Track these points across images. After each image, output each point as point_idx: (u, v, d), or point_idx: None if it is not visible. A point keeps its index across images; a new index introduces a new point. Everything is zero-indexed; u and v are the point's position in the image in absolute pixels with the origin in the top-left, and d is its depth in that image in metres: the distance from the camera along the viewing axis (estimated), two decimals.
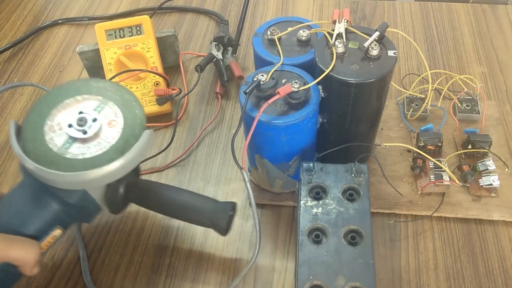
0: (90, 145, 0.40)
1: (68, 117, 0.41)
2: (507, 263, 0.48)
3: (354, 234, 0.41)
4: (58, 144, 0.40)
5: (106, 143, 0.40)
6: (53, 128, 0.40)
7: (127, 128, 0.41)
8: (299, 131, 0.45)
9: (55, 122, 0.41)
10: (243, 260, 0.50)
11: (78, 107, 0.42)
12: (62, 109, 0.42)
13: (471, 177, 0.51)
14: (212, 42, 0.67)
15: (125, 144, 0.40)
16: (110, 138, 0.40)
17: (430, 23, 0.74)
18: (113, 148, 0.40)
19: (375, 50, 0.44)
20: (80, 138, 0.40)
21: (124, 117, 0.42)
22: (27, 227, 0.40)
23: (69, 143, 0.40)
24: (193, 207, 0.46)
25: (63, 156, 0.39)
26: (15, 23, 0.80)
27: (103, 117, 0.41)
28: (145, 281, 0.49)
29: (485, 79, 0.65)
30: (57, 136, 0.40)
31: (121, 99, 0.43)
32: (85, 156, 0.39)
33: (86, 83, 0.44)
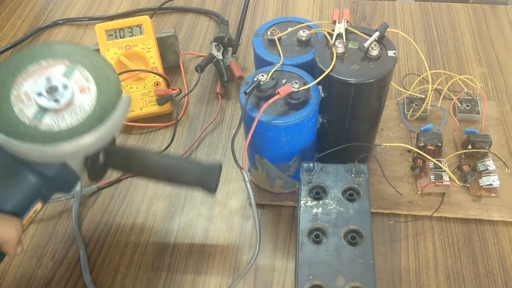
0: (64, 114, 0.36)
1: (35, 85, 0.37)
2: (507, 263, 0.48)
3: (354, 234, 0.41)
4: (29, 115, 0.36)
5: (81, 112, 0.37)
6: (21, 98, 0.36)
7: (101, 95, 0.38)
8: (299, 131, 0.45)
9: (22, 92, 0.36)
10: (243, 260, 0.50)
11: (44, 73, 0.37)
12: (27, 76, 0.37)
13: (471, 177, 0.51)
14: (212, 42, 0.67)
15: (102, 111, 0.37)
16: (86, 106, 0.37)
17: (430, 23, 0.74)
18: (90, 117, 0.37)
19: (375, 50, 0.44)
20: (52, 108, 0.36)
21: (97, 83, 0.38)
22: (6, 204, 0.37)
23: (41, 113, 0.36)
24: (180, 168, 0.44)
25: (37, 128, 0.35)
26: (15, 24, 0.80)
27: (74, 84, 0.37)
28: (145, 281, 0.49)
29: (485, 79, 0.65)
30: (27, 107, 0.36)
31: (91, 63, 0.39)
32: (60, 127, 0.36)
33: (49, 46, 0.39)
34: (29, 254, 0.51)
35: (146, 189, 0.56)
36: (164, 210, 0.54)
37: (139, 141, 0.61)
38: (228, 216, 0.53)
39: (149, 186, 0.56)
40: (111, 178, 0.57)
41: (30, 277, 0.49)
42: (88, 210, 0.55)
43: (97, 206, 0.55)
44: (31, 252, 0.51)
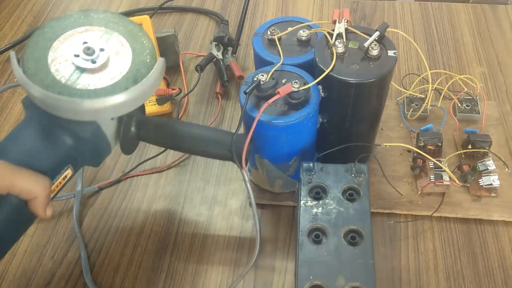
0: (101, 75, 0.37)
1: (72, 48, 0.38)
2: (507, 263, 0.48)
3: (354, 234, 0.41)
4: (66, 75, 0.37)
5: (117, 73, 0.38)
6: (58, 59, 0.37)
7: (136, 58, 0.39)
8: (299, 131, 0.45)
9: (59, 54, 0.38)
10: (243, 260, 0.50)
11: (82, 38, 0.39)
12: (64, 40, 0.38)
13: (471, 177, 0.51)
14: (212, 42, 0.67)
15: (137, 73, 0.38)
16: (121, 68, 0.38)
17: (430, 23, 0.74)
18: (125, 77, 0.38)
19: (375, 50, 0.44)
20: (89, 69, 0.37)
21: (132, 47, 0.39)
22: (39, 164, 0.37)
23: (78, 74, 0.37)
24: (211, 139, 0.45)
25: (73, 87, 0.36)
26: (15, 23, 0.80)
27: (110, 47, 0.39)
28: (145, 281, 0.49)
29: (485, 79, 0.65)
30: (64, 67, 0.37)
31: (126, 29, 0.40)
32: (96, 87, 0.37)
33: (86, 14, 0.41)
34: (29, 254, 0.51)
35: (146, 189, 0.56)
36: (164, 210, 0.54)
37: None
38: (228, 216, 0.53)
39: (149, 186, 0.56)
40: (111, 178, 0.57)
41: (30, 277, 0.49)
42: (88, 210, 0.55)
43: (97, 206, 0.55)
44: (31, 252, 0.51)
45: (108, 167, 0.58)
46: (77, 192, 0.55)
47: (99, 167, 0.58)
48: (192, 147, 0.46)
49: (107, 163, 0.59)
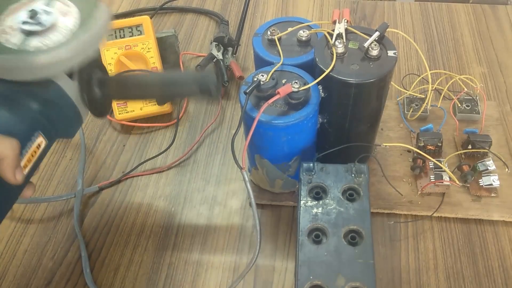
0: (50, 35, 0.37)
1: (18, 18, 0.38)
2: (507, 263, 0.48)
3: (354, 234, 0.41)
4: (17, 42, 0.37)
5: (66, 31, 0.38)
6: (5, 31, 0.37)
7: (84, 14, 0.39)
8: (299, 131, 0.45)
9: (6, 26, 0.37)
10: (243, 260, 0.50)
11: (26, 8, 0.38)
12: (10, 13, 0.38)
13: (471, 177, 0.51)
14: (212, 42, 0.67)
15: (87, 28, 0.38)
16: (70, 25, 0.38)
17: (430, 23, 0.74)
18: (76, 34, 0.38)
19: (375, 50, 0.44)
20: (38, 31, 0.37)
21: (78, 6, 0.39)
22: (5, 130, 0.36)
23: (27, 39, 0.37)
24: (177, 80, 0.45)
25: (26, 50, 0.36)
26: None
27: (56, 10, 0.39)
28: (145, 281, 0.49)
29: (485, 79, 0.65)
30: (12, 36, 0.37)
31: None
32: (49, 46, 0.37)
33: None
34: (29, 254, 0.51)
35: (146, 189, 0.56)
36: (164, 210, 0.54)
37: (139, 141, 0.61)
38: (228, 216, 0.53)
39: (149, 186, 0.56)
40: (111, 179, 0.57)
41: (30, 277, 0.49)
42: (89, 210, 0.55)
43: (97, 206, 0.55)
44: (31, 252, 0.51)
45: (108, 167, 0.58)
46: (78, 192, 0.55)
47: (99, 167, 0.58)
48: (160, 93, 0.46)
49: (107, 163, 0.59)
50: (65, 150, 0.61)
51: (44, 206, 0.55)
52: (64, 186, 0.57)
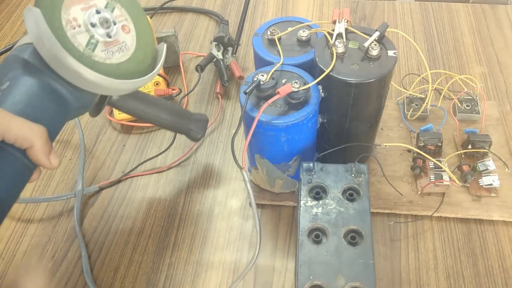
0: (113, 49, 0.37)
1: (82, 13, 0.36)
2: (507, 263, 0.48)
3: (354, 234, 0.41)
4: (83, 43, 0.35)
5: (126, 50, 0.38)
6: (72, 24, 0.35)
7: (140, 37, 0.39)
8: (299, 131, 0.45)
9: (71, 17, 0.35)
10: (243, 260, 0.50)
11: (89, 3, 0.37)
12: (72, 2, 0.36)
13: (471, 177, 0.51)
14: (212, 42, 0.67)
15: (143, 53, 0.39)
16: (129, 45, 0.38)
17: (430, 23, 0.74)
18: (134, 56, 0.38)
19: (375, 50, 0.44)
20: (104, 41, 0.37)
21: (134, 23, 0.39)
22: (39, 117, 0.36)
23: (93, 44, 0.36)
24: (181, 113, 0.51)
25: (92, 58, 0.35)
26: (15, 23, 0.80)
27: (118, 21, 0.38)
28: (145, 281, 0.49)
29: (485, 79, 0.65)
30: (78, 33, 0.35)
31: (126, 1, 0.39)
32: (112, 62, 0.37)
33: None
34: (29, 254, 0.51)
35: (146, 189, 0.56)
36: (164, 210, 0.54)
37: (139, 141, 0.61)
38: (228, 216, 0.53)
39: (149, 186, 0.56)
40: (111, 179, 0.57)
41: (30, 277, 0.49)
42: (89, 210, 0.55)
43: (97, 206, 0.55)
44: (31, 252, 0.51)
45: (108, 167, 0.58)
46: (78, 192, 0.55)
47: (99, 167, 0.58)
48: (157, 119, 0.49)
49: (107, 163, 0.59)
50: (65, 150, 0.61)
51: (44, 206, 0.55)
52: (64, 186, 0.57)
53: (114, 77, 0.36)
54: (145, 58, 0.39)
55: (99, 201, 0.55)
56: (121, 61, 0.37)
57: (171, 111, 0.50)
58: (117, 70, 0.37)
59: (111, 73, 0.36)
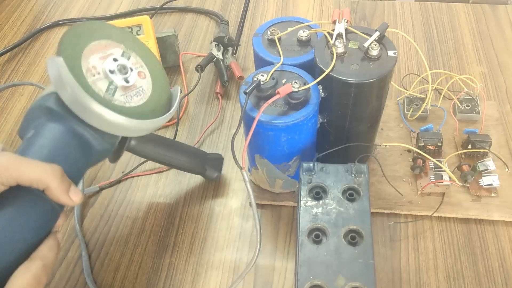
0: (131, 94, 0.39)
1: (101, 62, 0.39)
2: (507, 263, 0.48)
3: (354, 234, 0.41)
4: (103, 89, 0.37)
5: (143, 94, 0.40)
6: (92, 71, 0.38)
7: (155, 81, 0.41)
8: (299, 131, 0.45)
9: (91, 65, 0.38)
10: (243, 260, 0.50)
11: (106, 52, 0.39)
12: (91, 52, 0.39)
13: (471, 177, 0.51)
14: (212, 42, 0.67)
15: (159, 96, 0.41)
16: (146, 89, 0.40)
17: (430, 23, 0.74)
18: (151, 99, 0.40)
19: (375, 50, 0.44)
20: (123, 86, 0.39)
21: (149, 69, 0.42)
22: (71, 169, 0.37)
23: (112, 89, 0.38)
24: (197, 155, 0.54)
25: (112, 103, 0.37)
26: (15, 23, 0.80)
27: (134, 67, 0.41)
28: (145, 281, 0.49)
29: (485, 79, 0.65)
30: (98, 80, 0.38)
31: (142, 51, 0.42)
32: (130, 105, 0.38)
33: (104, 27, 0.42)
34: None
35: (146, 189, 0.56)
36: (164, 210, 0.54)
37: None
38: (228, 216, 0.53)
39: (149, 186, 0.56)
40: (111, 179, 0.57)
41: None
42: (89, 210, 0.55)
43: (97, 206, 0.55)
44: None
45: (108, 167, 0.58)
46: None
47: (99, 167, 0.58)
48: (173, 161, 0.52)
49: (107, 163, 0.59)
50: None
51: None
52: None
53: (133, 118, 0.38)
54: (161, 100, 0.41)
55: (99, 201, 0.55)
56: (139, 104, 0.39)
57: (187, 153, 0.53)
58: (136, 112, 0.38)
59: (131, 114, 0.38)
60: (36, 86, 0.68)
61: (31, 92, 0.69)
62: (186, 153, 0.53)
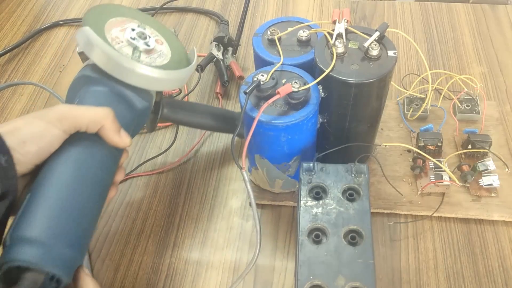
0: (154, 56, 0.43)
1: (121, 33, 0.43)
2: (507, 263, 0.48)
3: (354, 234, 0.41)
4: (129, 53, 0.42)
5: (165, 55, 0.44)
6: (115, 40, 0.42)
7: (172, 45, 0.46)
8: (299, 131, 0.45)
9: (114, 36, 0.42)
10: (243, 260, 0.50)
11: (124, 26, 0.44)
12: (112, 26, 0.43)
13: (471, 177, 0.51)
14: (213, 42, 0.67)
15: (179, 57, 0.45)
16: (166, 52, 0.45)
17: (430, 23, 0.74)
18: (172, 59, 0.45)
19: (375, 50, 0.44)
20: (145, 49, 0.43)
21: (164, 37, 0.46)
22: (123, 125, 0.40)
23: (137, 53, 0.42)
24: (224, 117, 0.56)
25: (140, 62, 0.41)
26: (15, 23, 0.80)
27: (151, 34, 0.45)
28: (145, 281, 0.49)
29: (485, 79, 0.65)
30: (124, 47, 0.42)
31: (154, 24, 0.47)
32: (156, 64, 0.43)
33: (117, 8, 0.47)
34: None
35: (146, 189, 0.56)
36: (164, 210, 0.54)
37: (139, 141, 0.61)
38: (228, 216, 0.53)
39: (149, 186, 0.56)
40: None
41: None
42: None
43: None
44: None
45: None
46: None
47: None
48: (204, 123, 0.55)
49: None
50: None
51: None
52: None
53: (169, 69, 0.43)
54: (181, 60, 0.46)
55: None
56: (163, 63, 0.43)
57: (217, 115, 0.55)
58: (162, 68, 0.43)
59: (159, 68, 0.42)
60: (36, 85, 0.68)
61: (31, 92, 0.69)
62: (217, 116, 0.55)
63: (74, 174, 0.36)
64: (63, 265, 0.33)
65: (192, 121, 0.54)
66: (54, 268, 0.32)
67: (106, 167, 0.39)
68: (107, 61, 0.40)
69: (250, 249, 0.50)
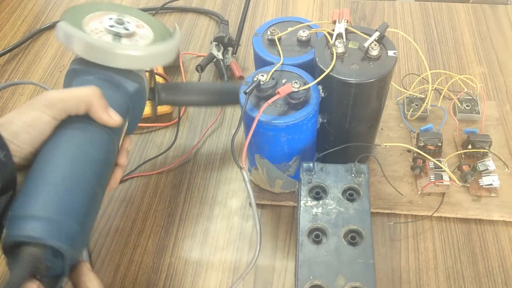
0: (136, 39, 0.43)
1: (100, 24, 0.43)
2: (507, 263, 0.48)
3: (354, 234, 0.41)
4: (109, 40, 0.42)
5: (147, 37, 0.44)
6: (94, 31, 0.42)
7: (154, 27, 0.46)
8: (299, 131, 0.45)
9: (92, 28, 0.42)
10: (243, 260, 0.50)
11: (102, 18, 0.43)
12: (90, 20, 0.43)
13: (471, 177, 0.51)
14: (213, 42, 0.67)
15: (162, 36, 0.45)
16: (148, 34, 0.45)
17: (430, 23, 0.74)
18: (155, 39, 0.44)
19: (375, 50, 0.44)
20: (125, 33, 0.42)
21: (145, 21, 0.46)
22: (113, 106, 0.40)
23: (117, 39, 0.42)
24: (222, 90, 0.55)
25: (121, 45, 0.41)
26: (15, 23, 0.80)
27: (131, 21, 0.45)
28: (145, 281, 0.49)
29: (485, 79, 0.65)
30: (102, 36, 0.42)
31: (132, 11, 0.47)
32: (139, 46, 0.43)
33: (95, 5, 0.46)
34: None
35: (146, 189, 0.56)
36: (164, 210, 0.54)
37: (139, 141, 0.61)
38: (228, 216, 0.53)
39: (149, 186, 0.56)
40: None
41: None
42: None
43: None
44: None
45: None
46: None
47: None
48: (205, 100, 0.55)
49: None
50: None
51: None
52: None
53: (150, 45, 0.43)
54: (165, 39, 0.45)
55: None
56: (146, 44, 0.43)
57: (217, 91, 0.55)
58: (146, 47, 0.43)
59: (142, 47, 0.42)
60: (36, 85, 0.68)
61: (31, 92, 0.69)
62: (216, 90, 0.55)
63: (68, 154, 0.36)
64: (66, 238, 0.33)
65: (192, 99, 0.54)
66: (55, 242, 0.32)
67: (101, 146, 0.39)
68: (88, 49, 0.40)
69: (250, 249, 0.50)
